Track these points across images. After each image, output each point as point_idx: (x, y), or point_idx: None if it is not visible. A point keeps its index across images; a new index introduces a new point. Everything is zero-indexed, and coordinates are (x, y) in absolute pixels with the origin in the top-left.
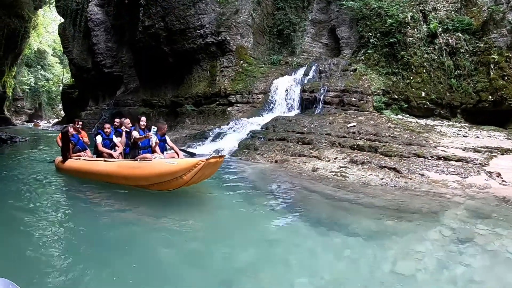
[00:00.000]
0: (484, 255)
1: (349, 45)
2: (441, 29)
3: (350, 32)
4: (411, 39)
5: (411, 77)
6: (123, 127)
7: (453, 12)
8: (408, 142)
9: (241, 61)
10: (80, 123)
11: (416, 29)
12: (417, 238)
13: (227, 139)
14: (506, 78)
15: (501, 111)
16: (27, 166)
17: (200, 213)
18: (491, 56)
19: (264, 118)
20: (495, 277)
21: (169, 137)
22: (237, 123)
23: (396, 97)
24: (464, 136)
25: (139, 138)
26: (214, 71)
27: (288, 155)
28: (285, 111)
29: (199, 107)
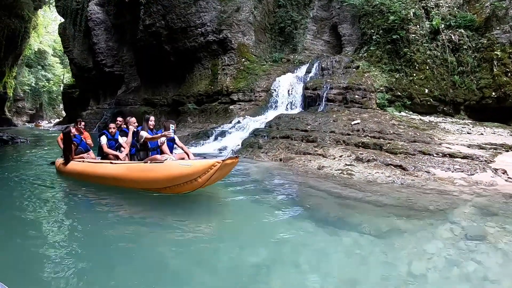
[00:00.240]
0: (495, 253)
1: (351, 42)
2: (443, 25)
3: (352, 29)
4: (413, 35)
5: (414, 74)
6: (130, 126)
7: (455, 9)
8: (413, 139)
9: (243, 59)
10: (83, 123)
11: (418, 26)
12: (427, 236)
13: (230, 137)
14: (509, 74)
15: (504, 107)
16: (28, 168)
17: (206, 214)
18: (494, 52)
19: (267, 116)
20: (508, 275)
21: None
22: (239, 121)
23: (399, 94)
24: (468, 133)
25: (153, 137)
26: (216, 69)
27: (292, 153)
28: (288, 109)
29: (201, 105)
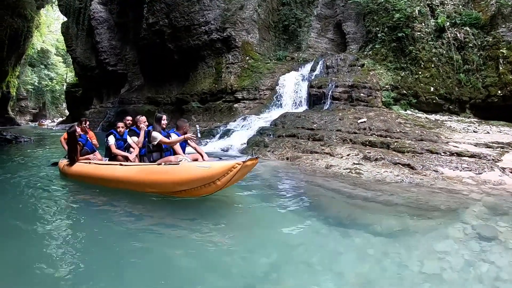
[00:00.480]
0: (507, 253)
1: (355, 40)
2: (449, 23)
3: (356, 27)
4: (419, 33)
5: (420, 72)
6: (142, 125)
7: (460, 6)
8: (420, 138)
9: (247, 57)
10: (87, 122)
11: (424, 24)
12: (440, 236)
13: (236, 136)
14: None
15: (510, 106)
16: (31, 169)
17: (215, 216)
18: (499, 50)
19: (272, 114)
20: None
21: None
22: (245, 119)
23: (404, 92)
24: (474, 132)
25: (172, 142)
26: (220, 67)
27: (299, 152)
28: (292, 107)
29: (205, 104)
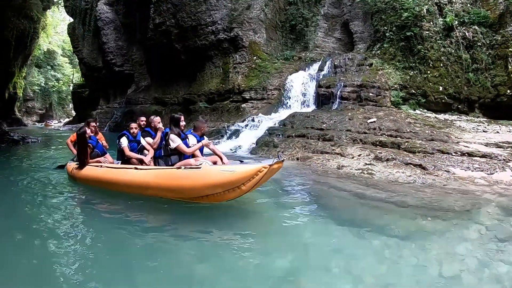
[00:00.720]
0: None
1: (363, 39)
2: (457, 22)
3: (364, 26)
4: (427, 32)
5: (428, 71)
6: (160, 126)
7: (468, 5)
8: (430, 138)
9: (254, 57)
10: (97, 122)
11: (432, 23)
12: (456, 237)
13: (244, 136)
14: None
15: None
16: (40, 170)
17: (227, 219)
18: (508, 49)
19: (280, 114)
20: None
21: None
22: (253, 119)
23: (413, 91)
24: (484, 131)
25: (196, 148)
26: (227, 67)
27: (309, 152)
28: (301, 107)
29: (212, 104)
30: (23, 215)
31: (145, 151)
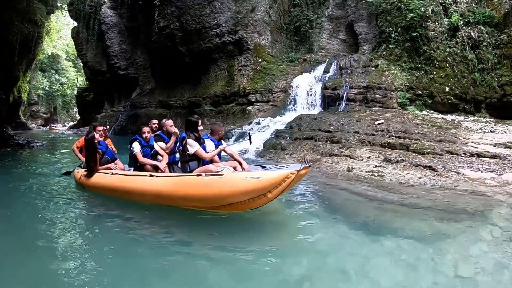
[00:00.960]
0: None
1: (367, 40)
2: (462, 22)
3: (368, 27)
4: (432, 33)
5: (435, 72)
6: (174, 130)
7: (473, 5)
8: (439, 139)
9: (259, 60)
10: (104, 127)
11: (437, 23)
12: (470, 239)
13: (251, 139)
14: None
15: None
16: (47, 177)
17: (239, 224)
18: None
19: (286, 116)
20: None
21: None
22: (260, 122)
23: (420, 92)
24: (491, 132)
25: (215, 153)
26: (232, 70)
27: (318, 154)
28: (307, 109)
29: (217, 107)
30: (31, 222)
31: (159, 157)
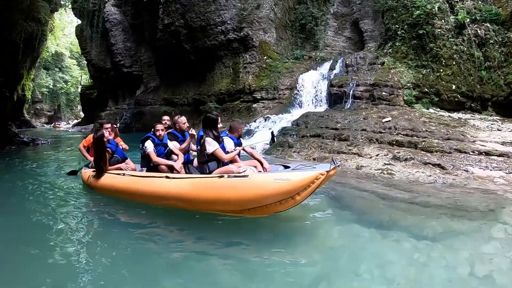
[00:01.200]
0: None
1: (373, 38)
2: (469, 19)
3: (374, 24)
4: (439, 30)
5: (441, 70)
6: (191, 132)
7: (480, 2)
8: (446, 137)
9: (265, 57)
10: (110, 125)
11: (443, 20)
12: (483, 237)
13: (257, 136)
14: None
15: None
16: (53, 176)
17: (249, 225)
18: None
19: (292, 114)
20: None
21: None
22: (266, 120)
23: (426, 90)
24: (498, 130)
25: (235, 154)
26: (237, 67)
27: (326, 152)
28: (313, 106)
29: (222, 104)
30: (40, 223)
31: (173, 156)
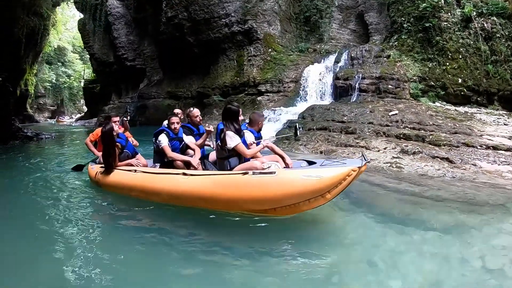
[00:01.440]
0: None
1: (378, 30)
2: (475, 13)
3: (379, 17)
4: (445, 23)
5: (447, 63)
6: (210, 128)
7: None
8: (454, 130)
9: (269, 50)
10: (118, 118)
11: (450, 13)
12: (495, 231)
13: (263, 129)
14: None
15: None
16: (56, 170)
17: (258, 221)
18: None
19: (298, 107)
20: None
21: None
22: (273, 112)
23: (432, 84)
24: (504, 124)
25: (257, 150)
26: (242, 60)
27: (333, 145)
28: (317, 99)
29: (226, 97)
30: (47, 221)
31: (189, 151)
